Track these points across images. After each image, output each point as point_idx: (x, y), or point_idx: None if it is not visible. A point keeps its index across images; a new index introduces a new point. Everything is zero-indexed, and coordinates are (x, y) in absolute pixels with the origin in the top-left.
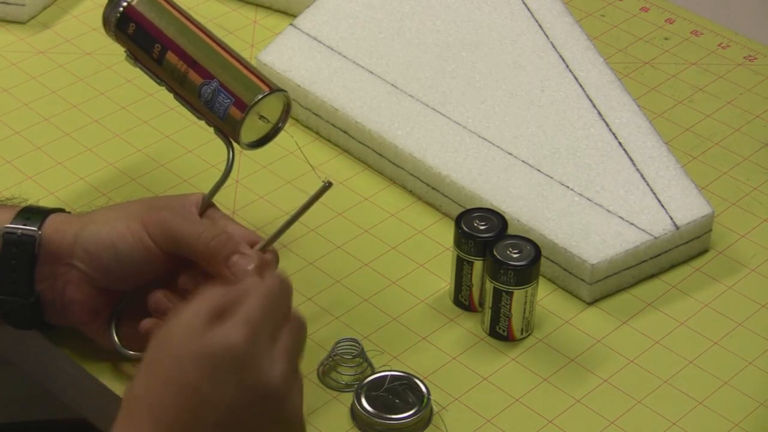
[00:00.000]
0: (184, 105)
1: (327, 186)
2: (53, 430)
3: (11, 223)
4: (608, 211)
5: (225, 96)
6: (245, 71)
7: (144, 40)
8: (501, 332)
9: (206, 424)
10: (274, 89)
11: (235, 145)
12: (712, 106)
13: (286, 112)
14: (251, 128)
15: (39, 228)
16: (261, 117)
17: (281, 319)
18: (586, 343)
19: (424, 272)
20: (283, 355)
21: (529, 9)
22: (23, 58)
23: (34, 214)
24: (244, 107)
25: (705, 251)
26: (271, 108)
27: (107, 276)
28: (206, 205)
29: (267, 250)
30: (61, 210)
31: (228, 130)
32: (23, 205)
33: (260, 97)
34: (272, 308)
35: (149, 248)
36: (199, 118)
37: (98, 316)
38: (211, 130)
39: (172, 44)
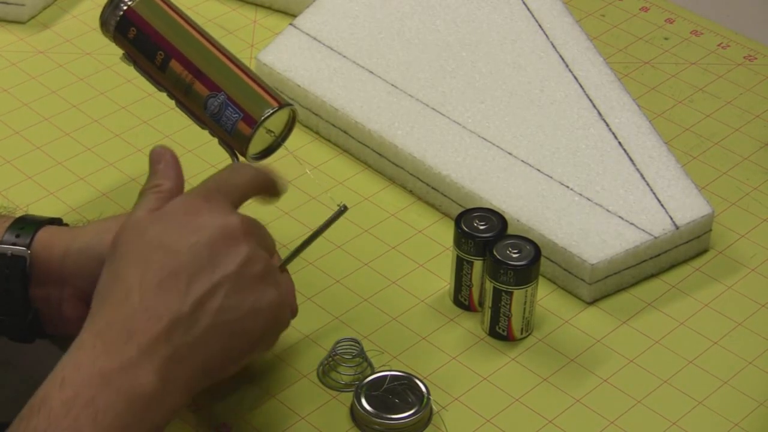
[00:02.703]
0: (186, 113)
1: (342, 210)
2: None
3: (1, 241)
4: (608, 211)
5: (233, 110)
6: (252, 84)
7: (146, 45)
8: (501, 332)
9: (179, 272)
10: (282, 104)
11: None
12: (712, 106)
13: (292, 124)
14: (257, 141)
15: (29, 246)
16: (268, 131)
17: (241, 194)
18: (586, 343)
19: (424, 272)
20: (242, 215)
21: (529, 9)
22: (23, 58)
23: (24, 228)
24: (254, 123)
25: (705, 251)
26: (278, 121)
27: None
28: None
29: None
30: (54, 221)
31: (235, 144)
32: (13, 216)
33: (270, 112)
34: (228, 182)
35: None
36: (202, 127)
37: None
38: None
39: (177, 53)
